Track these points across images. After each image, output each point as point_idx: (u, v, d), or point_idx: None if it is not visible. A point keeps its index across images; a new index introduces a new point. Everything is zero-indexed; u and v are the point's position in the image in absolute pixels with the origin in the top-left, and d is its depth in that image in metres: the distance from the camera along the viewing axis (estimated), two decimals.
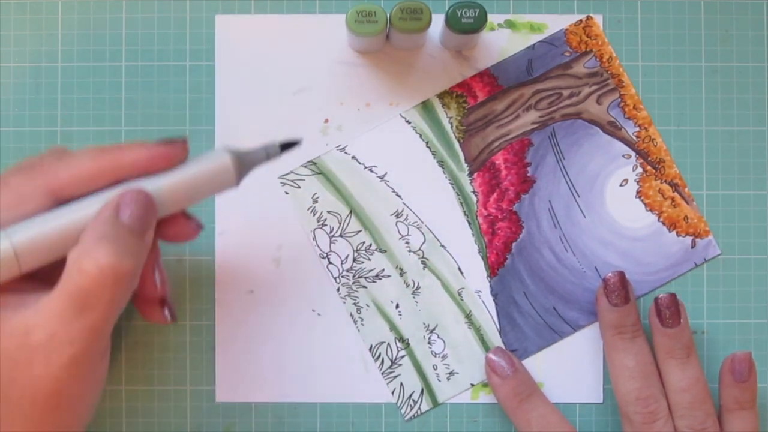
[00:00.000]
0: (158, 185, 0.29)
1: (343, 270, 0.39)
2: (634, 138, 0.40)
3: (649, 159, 0.40)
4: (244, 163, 0.31)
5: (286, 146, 0.33)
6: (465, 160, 0.40)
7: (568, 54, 0.40)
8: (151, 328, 0.39)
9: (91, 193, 0.28)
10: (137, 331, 0.39)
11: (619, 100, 0.40)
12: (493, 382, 0.38)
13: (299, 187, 0.39)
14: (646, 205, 0.40)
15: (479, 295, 0.39)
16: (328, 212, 0.39)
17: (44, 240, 0.26)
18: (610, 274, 0.37)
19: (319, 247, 0.39)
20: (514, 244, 0.39)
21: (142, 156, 0.29)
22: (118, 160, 0.28)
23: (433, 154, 0.40)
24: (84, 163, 0.28)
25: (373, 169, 0.39)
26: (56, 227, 0.27)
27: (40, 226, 0.27)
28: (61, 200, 0.27)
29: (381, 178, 0.39)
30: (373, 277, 0.39)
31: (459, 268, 0.39)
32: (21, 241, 0.26)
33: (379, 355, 0.39)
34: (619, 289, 0.37)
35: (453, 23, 0.36)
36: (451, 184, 0.39)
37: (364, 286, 0.39)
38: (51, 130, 0.39)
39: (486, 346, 0.39)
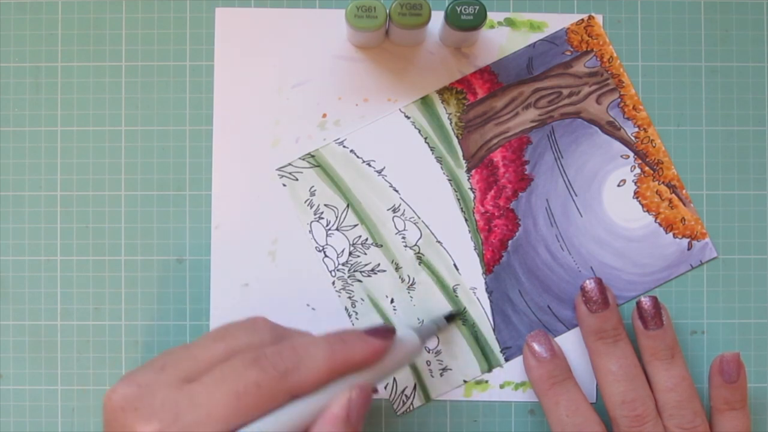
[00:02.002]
0: (371, 377, 0.31)
1: (338, 264, 0.39)
2: (633, 138, 0.40)
3: (647, 160, 0.40)
4: (423, 337, 0.35)
5: (450, 318, 0.38)
6: (463, 156, 0.40)
7: (568, 53, 0.40)
8: (151, 328, 0.39)
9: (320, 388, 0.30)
10: (137, 331, 0.39)
11: (619, 100, 0.40)
12: (529, 363, 0.38)
13: (297, 179, 0.39)
14: (643, 205, 0.39)
15: (474, 292, 0.39)
16: (325, 205, 0.39)
17: None
18: (587, 281, 0.37)
19: (315, 240, 0.39)
20: (510, 241, 0.39)
21: (367, 353, 0.30)
22: (349, 361, 0.30)
23: (431, 149, 0.40)
24: (320, 365, 0.29)
25: (372, 163, 0.39)
26: (293, 423, 0.29)
27: (280, 423, 0.28)
28: (295, 396, 0.29)
29: (379, 172, 0.39)
30: (368, 271, 0.39)
31: (455, 265, 0.39)
32: None
33: None
34: (598, 295, 0.37)
35: (452, 20, 0.36)
36: (449, 180, 0.39)
37: (360, 280, 0.39)
38: (51, 130, 0.39)
39: (480, 343, 0.39)
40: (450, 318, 0.38)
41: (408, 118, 0.40)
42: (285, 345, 0.29)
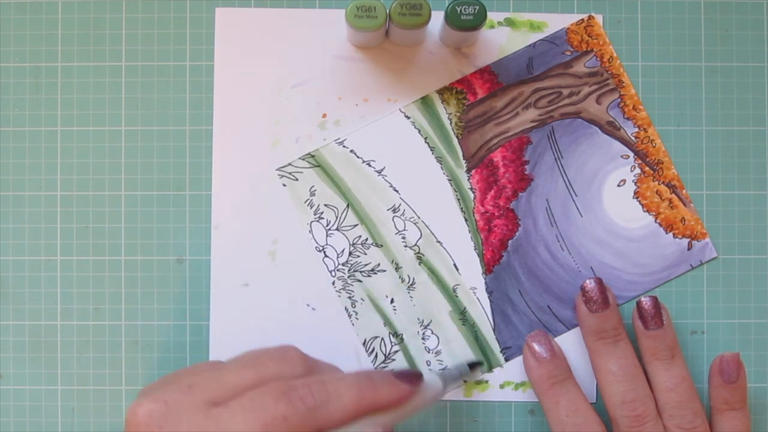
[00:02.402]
0: (393, 417, 0.31)
1: (338, 264, 0.39)
2: (633, 138, 0.40)
3: (647, 160, 0.40)
4: (446, 383, 0.36)
5: (473, 366, 0.38)
6: (463, 156, 0.40)
7: (568, 53, 0.40)
8: (151, 328, 0.39)
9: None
10: (137, 331, 0.39)
11: (619, 100, 0.40)
12: (529, 363, 0.38)
13: (297, 179, 0.39)
14: (643, 205, 0.39)
15: (474, 292, 0.39)
16: (325, 205, 0.39)
17: None
18: (587, 281, 0.37)
19: (315, 240, 0.39)
20: (510, 241, 0.39)
21: (394, 398, 0.31)
22: (376, 403, 0.30)
23: (431, 149, 0.40)
24: (348, 404, 0.29)
25: (372, 163, 0.39)
26: None
27: None
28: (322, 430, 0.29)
29: (379, 172, 0.40)
30: (368, 271, 0.39)
31: (455, 265, 0.39)
32: None
33: (373, 350, 0.39)
34: (598, 295, 0.37)
35: (452, 20, 0.36)
36: (449, 180, 0.39)
37: (360, 280, 0.39)
38: (51, 130, 0.39)
39: (480, 343, 0.39)
40: (473, 366, 0.38)
41: (408, 118, 0.40)
42: (315, 380, 0.30)
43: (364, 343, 0.39)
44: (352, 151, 0.39)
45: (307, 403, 0.29)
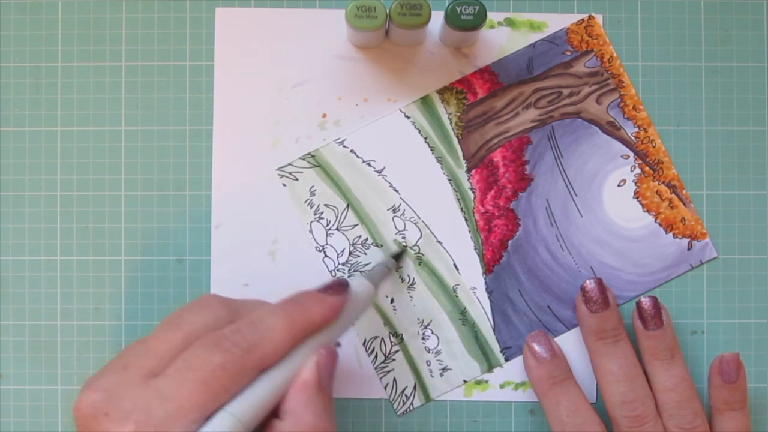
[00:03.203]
0: (332, 333, 0.31)
1: (338, 263, 0.39)
2: (633, 138, 0.40)
3: (647, 160, 0.40)
4: (376, 282, 0.35)
5: (398, 256, 0.38)
6: (463, 156, 0.40)
7: (569, 53, 0.40)
8: (150, 328, 0.39)
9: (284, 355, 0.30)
10: (137, 331, 0.39)
11: (619, 100, 0.40)
12: (529, 364, 0.38)
13: (297, 179, 0.39)
14: (643, 205, 0.39)
15: (474, 292, 0.39)
16: (325, 205, 0.39)
17: (259, 409, 0.28)
18: (587, 281, 0.37)
19: (315, 240, 0.39)
20: (510, 241, 0.39)
21: (325, 313, 0.31)
22: (309, 324, 0.30)
23: (431, 149, 0.40)
24: (281, 334, 0.29)
25: (372, 163, 0.39)
26: (266, 397, 0.29)
27: (253, 400, 0.28)
28: (263, 370, 0.29)
29: (379, 172, 0.40)
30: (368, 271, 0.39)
31: (454, 265, 0.39)
32: (242, 413, 0.28)
33: (373, 350, 0.39)
34: (598, 295, 0.37)
35: (452, 20, 0.36)
36: (449, 180, 0.39)
37: None
38: (51, 130, 0.39)
39: (480, 343, 0.39)
40: (398, 256, 0.38)
41: (408, 118, 0.40)
42: (243, 321, 0.29)
43: (364, 343, 0.39)
44: (352, 151, 0.39)
45: (240, 346, 0.28)
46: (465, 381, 0.39)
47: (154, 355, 0.29)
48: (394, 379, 0.39)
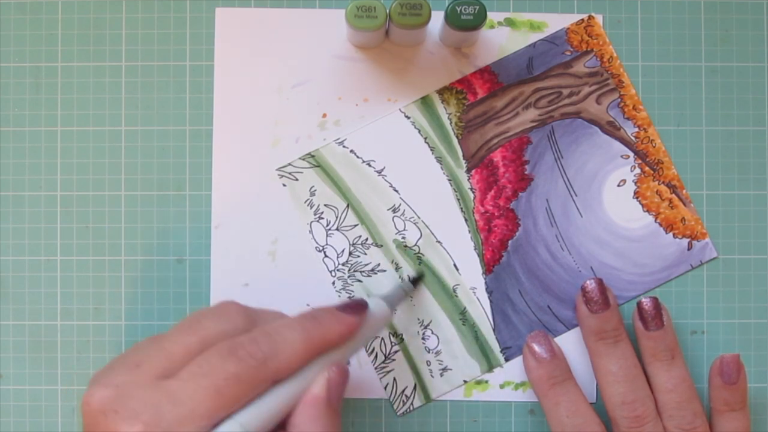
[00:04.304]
0: (345, 351, 0.31)
1: (338, 264, 0.39)
2: (633, 138, 0.40)
3: (647, 160, 0.40)
4: (393, 305, 0.35)
5: (416, 280, 0.38)
6: (463, 156, 0.40)
7: (568, 53, 0.40)
8: (150, 328, 0.39)
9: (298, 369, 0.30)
10: (137, 331, 0.39)
11: (619, 100, 0.40)
12: (529, 364, 0.38)
13: (297, 179, 0.39)
14: (643, 205, 0.39)
15: (474, 292, 0.39)
16: (325, 205, 0.39)
17: (267, 421, 0.28)
18: (588, 282, 0.37)
19: (315, 240, 0.39)
20: (510, 241, 0.39)
21: (342, 331, 0.30)
22: (325, 341, 0.30)
23: (431, 149, 0.40)
24: (297, 348, 0.29)
25: (372, 163, 0.39)
26: (275, 409, 0.29)
27: (262, 411, 0.28)
28: (276, 382, 0.29)
29: (379, 172, 0.40)
30: (368, 271, 0.39)
31: (454, 265, 0.39)
32: (250, 424, 0.28)
33: (373, 350, 0.39)
34: (598, 295, 0.37)
35: (452, 20, 0.36)
36: (449, 180, 0.39)
37: (360, 281, 0.39)
38: (51, 130, 0.39)
39: (480, 343, 0.39)
40: (415, 281, 0.38)
41: (408, 118, 0.40)
42: (260, 331, 0.29)
43: None
44: (352, 151, 0.39)
45: (256, 356, 0.28)
46: (465, 381, 0.39)
47: (168, 357, 0.28)
48: (394, 379, 0.39)
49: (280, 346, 0.29)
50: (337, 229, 0.39)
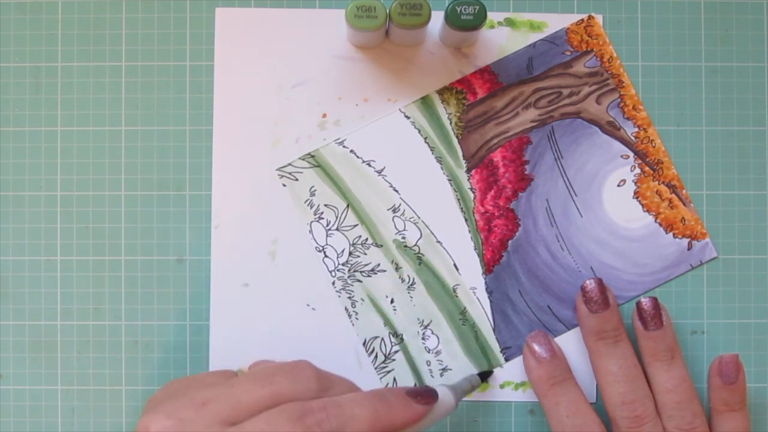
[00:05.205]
0: None
1: (338, 264, 0.39)
2: (633, 138, 0.40)
3: (647, 160, 0.40)
4: (458, 397, 0.35)
5: (484, 375, 0.38)
6: (463, 156, 0.40)
7: (568, 53, 0.40)
8: (151, 328, 0.39)
9: None
10: (137, 331, 0.39)
11: (619, 100, 0.40)
12: (529, 364, 0.38)
13: (297, 179, 0.39)
14: (643, 205, 0.39)
15: (474, 292, 0.39)
16: (325, 205, 0.39)
17: None
18: (587, 281, 0.37)
19: (315, 240, 0.39)
20: (510, 241, 0.39)
21: (409, 419, 0.31)
22: (390, 425, 0.30)
23: (431, 149, 0.40)
24: (363, 428, 0.29)
25: (371, 163, 0.39)
26: None
27: None
28: None
29: (379, 172, 0.40)
30: (368, 271, 0.39)
31: (454, 265, 0.39)
32: None
33: (373, 350, 0.39)
34: (598, 295, 0.37)
35: (452, 20, 0.36)
36: (449, 180, 0.39)
37: (360, 281, 0.39)
38: (51, 130, 0.39)
39: (480, 343, 0.39)
40: (484, 376, 0.38)
41: (408, 118, 0.40)
42: (331, 402, 0.29)
43: (364, 343, 0.39)
44: (352, 151, 0.39)
45: (323, 428, 0.28)
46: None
47: (237, 404, 0.28)
48: (394, 379, 0.39)
49: (348, 420, 0.29)
50: (337, 229, 0.39)
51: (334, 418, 0.29)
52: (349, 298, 0.39)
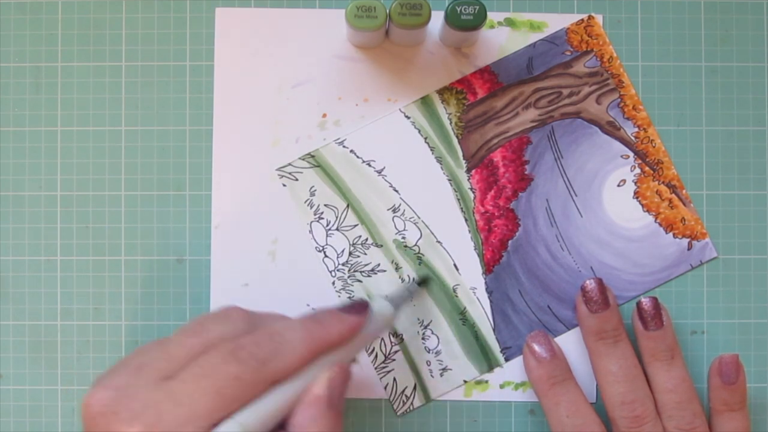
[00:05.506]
0: (348, 352, 0.31)
1: (338, 264, 0.39)
2: (633, 138, 0.40)
3: (647, 160, 0.40)
4: (397, 305, 0.35)
5: (422, 282, 0.38)
6: (463, 156, 0.40)
7: (568, 53, 0.40)
8: (151, 328, 0.39)
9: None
10: (137, 331, 0.39)
11: (619, 100, 0.40)
12: (529, 364, 0.38)
13: (297, 179, 0.39)
14: (643, 205, 0.39)
15: (474, 292, 0.39)
16: (325, 205, 0.39)
17: (267, 421, 0.28)
18: (587, 281, 0.37)
19: (315, 240, 0.39)
20: (510, 241, 0.39)
21: (344, 332, 0.30)
22: (327, 342, 0.30)
23: (431, 149, 0.40)
24: (298, 349, 0.29)
25: (372, 163, 0.39)
26: (276, 409, 0.29)
27: (262, 411, 0.28)
28: (276, 383, 0.29)
29: (379, 172, 0.40)
30: (368, 271, 0.39)
31: (455, 265, 0.39)
32: (250, 424, 0.28)
33: (373, 350, 0.39)
34: (598, 295, 0.37)
35: (452, 20, 0.36)
36: (449, 180, 0.40)
37: (360, 281, 0.39)
38: (51, 130, 0.39)
39: (480, 343, 0.39)
40: (422, 282, 0.38)
41: (408, 118, 0.40)
42: (261, 333, 0.29)
43: None
44: (352, 151, 0.39)
45: (257, 357, 0.28)
46: (465, 381, 0.39)
47: (170, 359, 0.29)
48: (394, 379, 0.39)
49: (282, 347, 0.29)
50: (337, 229, 0.39)
51: (265, 346, 0.29)
52: (350, 298, 0.39)
